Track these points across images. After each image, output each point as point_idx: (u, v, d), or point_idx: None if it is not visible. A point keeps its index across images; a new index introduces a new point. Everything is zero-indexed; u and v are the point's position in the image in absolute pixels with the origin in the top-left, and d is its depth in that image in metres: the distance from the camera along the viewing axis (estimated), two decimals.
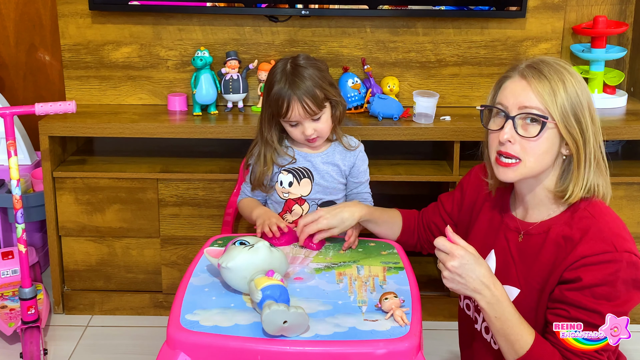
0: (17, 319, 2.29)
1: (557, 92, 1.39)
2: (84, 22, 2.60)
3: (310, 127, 1.93)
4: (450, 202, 1.78)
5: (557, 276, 1.40)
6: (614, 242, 1.36)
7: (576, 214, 1.43)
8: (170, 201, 2.45)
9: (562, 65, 1.44)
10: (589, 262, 1.35)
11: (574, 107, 1.40)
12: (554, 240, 1.43)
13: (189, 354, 1.34)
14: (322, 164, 2.02)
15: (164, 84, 2.68)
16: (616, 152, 2.67)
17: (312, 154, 2.02)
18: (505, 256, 1.52)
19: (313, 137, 1.95)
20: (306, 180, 2.01)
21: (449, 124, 2.43)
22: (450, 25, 2.63)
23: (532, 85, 1.41)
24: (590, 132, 1.41)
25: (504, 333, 1.40)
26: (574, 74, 1.43)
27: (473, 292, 1.39)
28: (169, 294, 2.54)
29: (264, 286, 1.39)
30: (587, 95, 1.42)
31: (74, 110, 2.21)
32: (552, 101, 1.39)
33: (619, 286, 1.34)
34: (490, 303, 1.39)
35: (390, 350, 1.32)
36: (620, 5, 2.71)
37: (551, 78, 1.40)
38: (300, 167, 2.02)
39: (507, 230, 1.54)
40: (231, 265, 1.46)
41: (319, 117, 1.94)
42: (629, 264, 1.34)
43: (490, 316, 1.40)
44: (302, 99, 1.89)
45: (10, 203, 2.48)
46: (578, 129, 1.40)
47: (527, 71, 1.43)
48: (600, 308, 1.34)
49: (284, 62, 1.96)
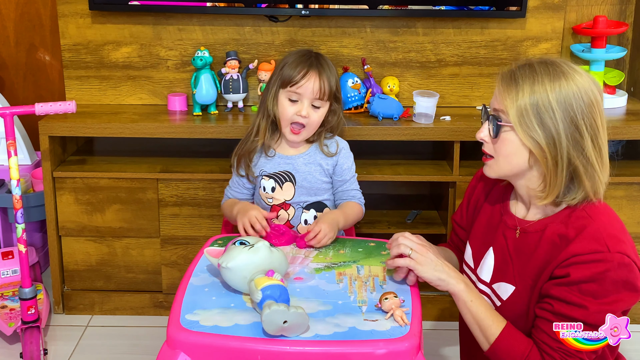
0: (17, 319, 2.29)
1: (521, 95, 1.40)
2: (84, 22, 2.61)
3: (308, 108, 1.92)
4: (459, 215, 1.78)
5: (548, 273, 1.41)
6: (607, 243, 1.36)
7: (574, 213, 1.44)
8: (170, 201, 2.45)
9: (554, 68, 1.41)
10: (580, 260, 1.36)
11: (539, 109, 1.38)
12: (550, 238, 1.44)
13: (189, 354, 1.34)
14: (304, 165, 2.00)
15: (164, 84, 2.68)
16: (616, 152, 2.67)
17: (292, 156, 2.00)
18: (503, 254, 1.53)
19: (301, 123, 1.93)
20: (288, 184, 2.00)
21: (449, 124, 2.43)
22: (450, 25, 2.63)
23: (502, 88, 1.44)
24: (564, 135, 1.37)
25: (478, 319, 1.44)
26: (567, 76, 1.40)
27: (448, 276, 1.46)
28: (169, 294, 2.54)
29: (264, 286, 1.39)
30: (569, 97, 1.38)
31: (74, 110, 2.21)
32: (511, 104, 1.41)
33: (608, 285, 1.34)
34: (466, 285, 1.46)
35: (390, 350, 1.32)
36: (620, 5, 2.71)
37: (522, 81, 1.41)
38: (281, 171, 2.00)
39: (506, 229, 1.54)
40: (231, 265, 1.46)
41: (319, 107, 1.94)
42: (620, 265, 1.34)
43: (467, 301, 1.45)
44: (321, 75, 1.91)
45: (10, 203, 2.48)
46: (542, 132, 1.38)
47: (503, 74, 1.45)
48: (585, 303, 1.34)
49: (306, 49, 2.00)
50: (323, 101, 1.94)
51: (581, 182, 1.41)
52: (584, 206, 1.44)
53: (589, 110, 1.39)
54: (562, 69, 1.42)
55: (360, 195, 2.06)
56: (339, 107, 2.03)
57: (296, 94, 1.92)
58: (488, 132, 1.47)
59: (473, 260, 1.62)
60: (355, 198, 2.04)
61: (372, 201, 2.18)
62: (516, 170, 1.46)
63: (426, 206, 2.75)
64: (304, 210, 2.01)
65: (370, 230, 2.53)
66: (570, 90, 1.39)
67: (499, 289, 1.52)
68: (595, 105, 1.40)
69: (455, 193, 2.42)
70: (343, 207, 1.99)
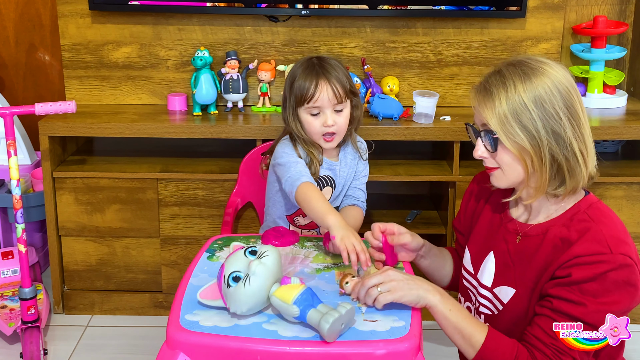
0: (17, 319, 2.29)
1: (497, 103, 1.39)
2: (84, 22, 2.61)
3: (332, 117, 1.89)
4: (458, 220, 1.76)
5: (549, 274, 1.40)
6: (610, 244, 1.35)
7: (576, 216, 1.43)
8: (170, 201, 2.45)
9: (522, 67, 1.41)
10: (582, 261, 1.35)
11: (517, 113, 1.38)
12: (552, 241, 1.43)
13: (188, 354, 1.34)
14: (341, 171, 2.01)
15: (164, 84, 2.68)
16: (616, 152, 2.67)
17: (334, 162, 2.00)
18: (504, 258, 1.52)
19: (331, 131, 1.90)
20: (328, 188, 1.99)
21: (449, 124, 2.43)
22: (450, 25, 2.63)
23: (479, 103, 1.43)
24: (543, 132, 1.37)
25: (459, 328, 1.41)
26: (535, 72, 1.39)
27: (423, 290, 1.40)
28: (168, 294, 2.54)
29: (294, 299, 1.33)
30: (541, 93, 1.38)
31: (74, 110, 2.21)
32: (491, 115, 1.40)
33: (608, 285, 1.34)
34: (442, 296, 1.41)
35: (390, 350, 1.32)
36: (620, 5, 2.71)
37: (495, 90, 1.40)
38: (324, 175, 1.99)
39: (506, 233, 1.54)
40: (245, 310, 1.38)
41: (342, 110, 1.91)
42: (621, 266, 1.34)
43: (445, 311, 1.41)
44: (331, 81, 1.87)
45: (10, 203, 2.48)
46: (524, 134, 1.38)
47: (477, 88, 1.45)
48: (584, 301, 1.34)
49: (307, 58, 1.95)
50: (343, 103, 1.91)
51: (566, 176, 1.41)
52: (586, 209, 1.43)
53: (565, 100, 1.39)
54: (530, 66, 1.41)
55: (365, 197, 2.07)
56: (357, 99, 1.99)
57: (315, 107, 1.89)
58: (484, 147, 1.46)
59: (472, 265, 1.61)
60: (359, 200, 2.05)
61: (372, 201, 2.18)
62: (523, 174, 1.44)
63: (426, 206, 2.75)
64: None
65: None
66: (542, 85, 1.38)
67: (500, 293, 1.51)
68: (571, 92, 1.40)
69: (455, 193, 2.42)
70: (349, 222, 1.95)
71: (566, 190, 1.43)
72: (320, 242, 1.79)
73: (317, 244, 1.78)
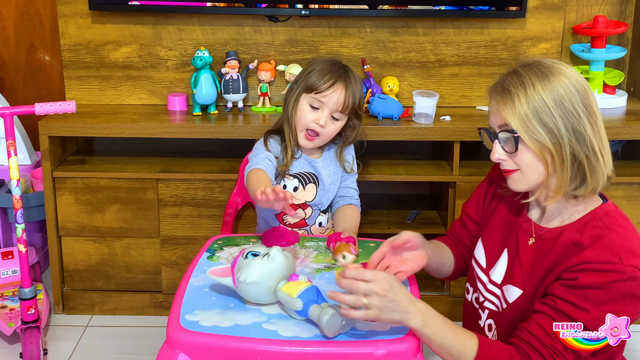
0: (17, 319, 2.29)
1: (517, 103, 1.39)
2: (84, 22, 2.61)
3: (327, 118, 1.92)
4: (474, 208, 1.73)
5: (556, 274, 1.40)
6: (621, 255, 1.35)
7: (591, 222, 1.42)
8: (170, 201, 2.45)
9: (538, 67, 1.41)
10: (591, 267, 1.35)
11: (538, 112, 1.38)
12: (563, 244, 1.42)
13: (188, 354, 1.34)
14: (324, 168, 2.02)
15: (164, 84, 2.68)
16: (616, 152, 2.67)
17: (317, 159, 2.02)
18: (516, 258, 1.52)
19: (317, 131, 1.92)
20: (311, 185, 2.01)
21: (449, 124, 2.43)
22: (450, 25, 2.63)
23: (498, 104, 1.43)
24: (564, 130, 1.38)
25: (446, 346, 1.36)
26: (552, 71, 1.40)
27: (405, 314, 1.32)
28: (169, 294, 2.54)
29: (300, 292, 1.37)
30: (560, 91, 1.39)
31: (74, 110, 2.21)
32: (512, 115, 1.40)
33: (614, 295, 1.33)
34: (424, 320, 1.34)
35: (390, 350, 1.32)
36: (620, 5, 2.71)
37: (514, 89, 1.40)
38: (306, 172, 2.01)
39: (520, 232, 1.53)
40: (255, 279, 1.41)
41: (338, 120, 1.94)
42: (630, 278, 1.33)
43: (429, 334, 1.34)
44: (347, 89, 1.90)
45: (10, 203, 2.48)
46: (545, 132, 1.38)
47: (494, 89, 1.45)
48: (588, 307, 1.33)
49: (336, 59, 1.97)
50: (343, 114, 1.94)
51: (587, 174, 1.41)
52: (602, 216, 1.43)
53: (582, 98, 1.40)
54: (545, 66, 1.42)
55: (357, 195, 2.09)
56: (358, 122, 2.01)
57: (319, 102, 1.91)
58: (502, 150, 1.45)
59: (486, 260, 1.61)
60: (353, 198, 2.07)
61: (372, 201, 2.19)
62: (544, 174, 1.44)
63: (426, 206, 2.75)
64: (321, 212, 2.02)
65: (370, 230, 2.53)
66: (560, 84, 1.39)
67: (507, 291, 1.51)
68: (587, 91, 1.41)
69: (455, 193, 2.42)
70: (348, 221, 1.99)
71: (587, 190, 1.42)
72: (320, 242, 1.79)
73: (317, 244, 1.79)
